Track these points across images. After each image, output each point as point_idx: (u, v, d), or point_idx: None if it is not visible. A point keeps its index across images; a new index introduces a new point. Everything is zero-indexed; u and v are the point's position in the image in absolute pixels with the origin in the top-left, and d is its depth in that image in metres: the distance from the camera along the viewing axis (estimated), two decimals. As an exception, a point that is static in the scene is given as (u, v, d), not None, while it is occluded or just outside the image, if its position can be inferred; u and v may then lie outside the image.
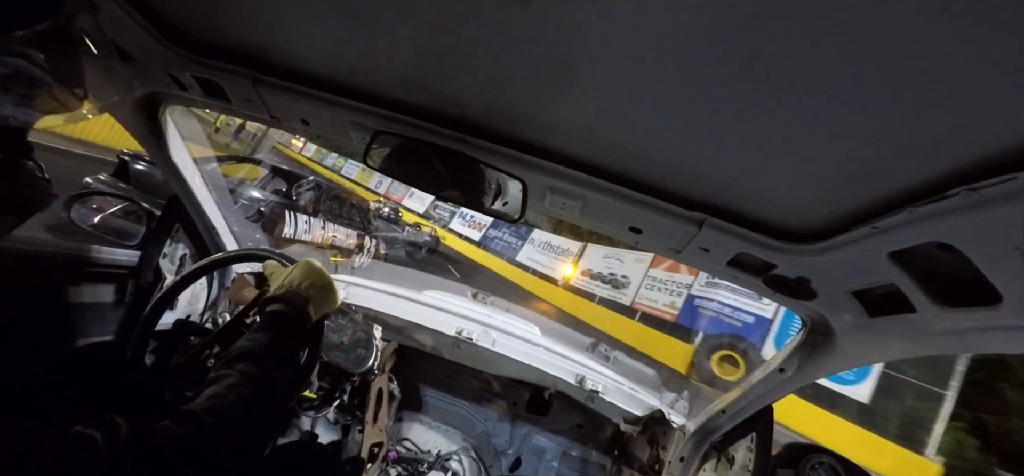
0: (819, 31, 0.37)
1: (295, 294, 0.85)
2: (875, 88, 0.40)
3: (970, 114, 0.39)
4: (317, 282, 0.89)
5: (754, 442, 1.17)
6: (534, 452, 2.01)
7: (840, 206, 0.60)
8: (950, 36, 0.34)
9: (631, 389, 1.69)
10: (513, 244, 16.57)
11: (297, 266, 0.92)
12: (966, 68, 0.35)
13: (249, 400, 0.66)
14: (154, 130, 1.19)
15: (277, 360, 0.75)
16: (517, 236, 16.52)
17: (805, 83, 0.43)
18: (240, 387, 0.66)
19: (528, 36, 0.51)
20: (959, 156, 0.44)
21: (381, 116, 0.82)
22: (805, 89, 0.44)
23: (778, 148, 0.54)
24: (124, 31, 0.83)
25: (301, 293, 0.86)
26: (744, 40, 0.41)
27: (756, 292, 0.88)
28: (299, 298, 0.85)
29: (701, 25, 0.41)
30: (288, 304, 0.83)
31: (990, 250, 0.47)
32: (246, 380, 0.67)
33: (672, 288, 10.98)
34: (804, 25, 0.37)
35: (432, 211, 20.47)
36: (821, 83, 0.42)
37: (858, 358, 0.83)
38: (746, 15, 0.38)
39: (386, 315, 1.68)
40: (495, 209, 0.83)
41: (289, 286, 0.87)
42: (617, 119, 0.61)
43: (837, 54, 0.39)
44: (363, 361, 1.54)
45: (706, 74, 0.46)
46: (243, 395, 0.66)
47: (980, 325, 0.56)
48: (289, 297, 0.84)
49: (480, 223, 18.30)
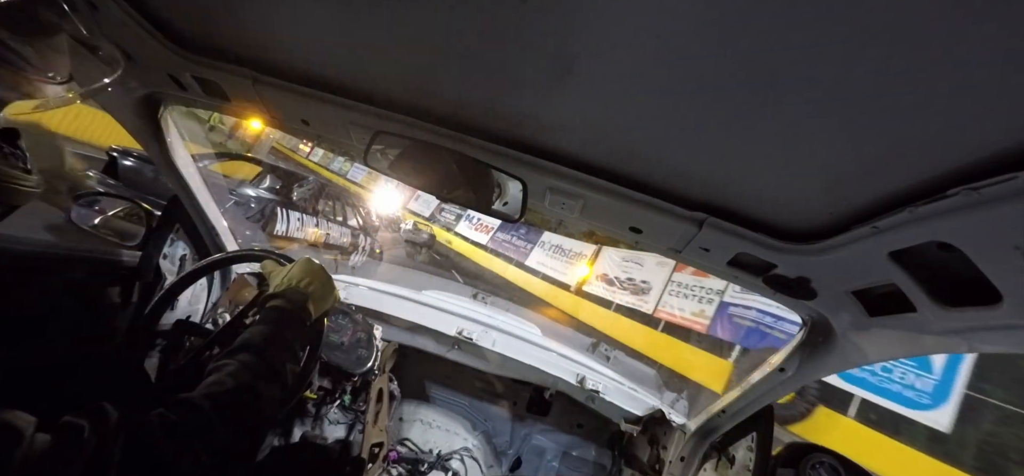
0: (818, 31, 0.37)
1: (294, 291, 0.86)
2: (875, 88, 0.40)
3: (970, 114, 0.39)
4: (316, 279, 0.90)
5: (754, 442, 1.17)
6: (534, 452, 2.01)
7: (840, 206, 0.60)
8: (950, 35, 0.34)
9: (631, 389, 1.69)
10: (521, 247, 15.52)
11: (296, 264, 0.93)
12: (966, 67, 0.35)
13: (248, 387, 0.66)
14: (154, 130, 1.19)
15: (277, 350, 0.75)
16: (527, 239, 15.55)
17: (805, 83, 0.43)
18: (239, 374, 0.67)
19: (528, 35, 0.51)
20: (959, 156, 0.44)
21: (381, 116, 0.82)
22: (805, 89, 0.44)
23: (778, 148, 0.54)
24: (124, 31, 0.83)
25: (300, 290, 0.86)
26: (743, 40, 0.41)
27: (756, 292, 0.88)
28: (298, 295, 0.85)
29: (701, 25, 0.41)
30: (287, 300, 0.83)
31: (990, 250, 0.47)
32: (245, 368, 0.68)
33: (701, 294, 9.39)
34: (803, 25, 0.37)
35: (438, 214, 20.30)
36: (821, 83, 0.42)
37: (858, 358, 0.83)
38: (745, 15, 0.38)
39: (386, 315, 1.68)
40: (495, 209, 0.83)
41: (288, 283, 0.87)
42: (617, 119, 0.61)
43: (837, 54, 0.39)
44: (363, 361, 1.54)
45: (706, 74, 0.46)
46: (241, 382, 0.66)
47: (980, 324, 0.56)
48: (289, 293, 0.85)
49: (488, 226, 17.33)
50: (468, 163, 0.80)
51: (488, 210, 0.83)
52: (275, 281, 0.89)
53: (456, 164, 0.80)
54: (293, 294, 0.85)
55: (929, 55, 0.36)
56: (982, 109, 0.38)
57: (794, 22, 0.37)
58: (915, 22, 0.34)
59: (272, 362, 0.72)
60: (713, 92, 0.49)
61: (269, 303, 0.83)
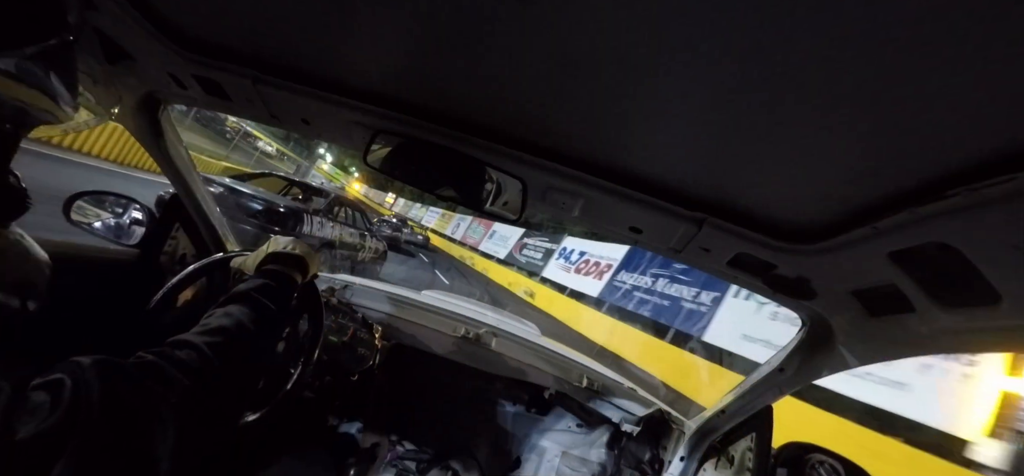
0: (818, 31, 0.37)
1: (277, 255, 0.92)
2: (875, 88, 0.40)
3: (970, 114, 0.39)
4: (290, 249, 0.94)
5: (754, 442, 1.17)
6: (534, 452, 2.00)
7: (840, 206, 0.59)
8: (949, 35, 0.34)
9: (631, 388, 1.69)
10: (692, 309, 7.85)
11: (267, 244, 0.97)
12: (966, 67, 0.35)
13: (235, 330, 0.67)
14: (154, 130, 1.19)
15: (266, 297, 0.77)
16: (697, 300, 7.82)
17: (805, 83, 0.43)
18: (225, 318, 0.68)
19: (527, 35, 0.51)
20: (959, 156, 0.43)
21: (381, 115, 0.82)
22: (805, 89, 0.44)
23: (778, 148, 0.54)
24: (124, 31, 0.83)
25: (286, 253, 0.92)
26: (743, 40, 0.41)
27: (756, 292, 0.88)
28: (285, 256, 0.91)
29: (701, 25, 0.41)
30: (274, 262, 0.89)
31: (990, 250, 0.47)
32: (230, 315, 0.69)
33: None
34: (803, 26, 0.37)
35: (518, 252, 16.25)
36: (821, 83, 0.42)
37: (858, 358, 0.83)
38: (746, 18, 0.38)
39: (387, 315, 1.68)
40: (494, 209, 0.83)
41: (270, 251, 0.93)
42: (617, 118, 0.61)
43: (837, 55, 0.39)
44: (363, 361, 1.54)
45: (706, 73, 0.46)
46: (228, 326, 0.67)
47: (980, 325, 0.56)
48: (272, 256, 0.91)
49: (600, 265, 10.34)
50: (468, 162, 0.80)
51: (487, 210, 0.83)
52: (257, 260, 0.94)
53: (455, 163, 0.81)
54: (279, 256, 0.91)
55: (929, 55, 0.35)
56: (982, 109, 0.38)
57: (795, 24, 0.37)
58: (915, 22, 0.34)
59: (262, 310, 0.74)
60: (713, 92, 0.49)
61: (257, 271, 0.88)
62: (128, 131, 1.19)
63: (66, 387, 0.43)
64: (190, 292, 1.19)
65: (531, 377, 1.69)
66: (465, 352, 1.67)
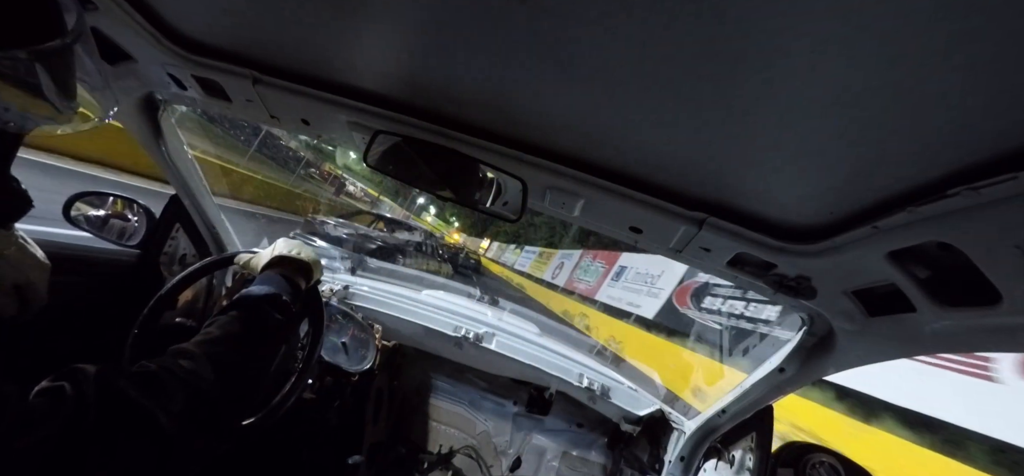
0: (818, 32, 0.37)
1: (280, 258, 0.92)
2: (875, 88, 0.40)
3: (970, 114, 0.39)
4: (297, 253, 0.95)
5: (754, 442, 1.17)
6: (534, 452, 2.00)
7: (840, 206, 0.60)
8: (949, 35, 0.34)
9: (631, 388, 1.69)
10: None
11: (274, 245, 0.97)
12: (966, 67, 0.35)
13: (237, 335, 0.67)
14: (154, 130, 1.19)
15: (269, 303, 0.77)
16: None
17: (805, 83, 0.43)
18: (229, 326, 0.68)
19: (527, 35, 0.51)
20: (959, 156, 0.43)
21: (381, 116, 0.82)
22: (805, 89, 0.44)
23: (779, 148, 0.54)
24: (124, 31, 0.83)
25: (288, 257, 0.92)
26: (744, 42, 0.41)
27: (756, 292, 0.88)
28: (288, 260, 0.91)
29: (701, 25, 0.41)
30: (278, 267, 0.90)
31: (990, 250, 0.47)
32: (234, 324, 0.69)
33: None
34: (803, 27, 0.37)
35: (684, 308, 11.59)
36: (821, 83, 0.42)
37: (858, 358, 0.83)
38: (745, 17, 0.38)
39: (387, 315, 1.68)
40: (494, 209, 0.83)
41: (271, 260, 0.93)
42: (617, 118, 0.61)
43: (836, 55, 0.38)
44: (364, 361, 1.54)
45: (706, 73, 0.46)
46: (230, 331, 0.67)
47: (980, 324, 0.56)
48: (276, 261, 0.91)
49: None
50: (468, 162, 0.80)
51: (486, 210, 0.83)
52: (263, 260, 0.94)
53: (456, 163, 0.81)
54: (285, 260, 0.91)
55: (929, 55, 0.35)
56: (982, 109, 0.38)
57: (794, 24, 0.37)
58: (915, 22, 0.34)
59: (265, 315, 0.74)
60: (714, 92, 0.49)
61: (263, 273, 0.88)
62: (128, 132, 1.19)
63: (67, 396, 0.44)
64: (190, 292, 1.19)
65: (531, 377, 1.69)
66: (466, 351, 1.67)
